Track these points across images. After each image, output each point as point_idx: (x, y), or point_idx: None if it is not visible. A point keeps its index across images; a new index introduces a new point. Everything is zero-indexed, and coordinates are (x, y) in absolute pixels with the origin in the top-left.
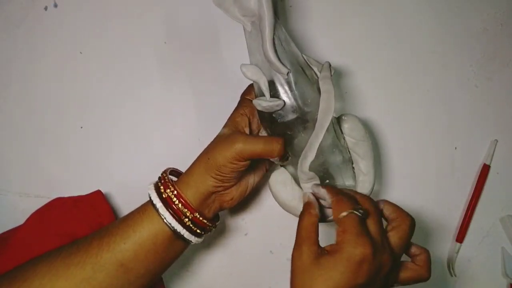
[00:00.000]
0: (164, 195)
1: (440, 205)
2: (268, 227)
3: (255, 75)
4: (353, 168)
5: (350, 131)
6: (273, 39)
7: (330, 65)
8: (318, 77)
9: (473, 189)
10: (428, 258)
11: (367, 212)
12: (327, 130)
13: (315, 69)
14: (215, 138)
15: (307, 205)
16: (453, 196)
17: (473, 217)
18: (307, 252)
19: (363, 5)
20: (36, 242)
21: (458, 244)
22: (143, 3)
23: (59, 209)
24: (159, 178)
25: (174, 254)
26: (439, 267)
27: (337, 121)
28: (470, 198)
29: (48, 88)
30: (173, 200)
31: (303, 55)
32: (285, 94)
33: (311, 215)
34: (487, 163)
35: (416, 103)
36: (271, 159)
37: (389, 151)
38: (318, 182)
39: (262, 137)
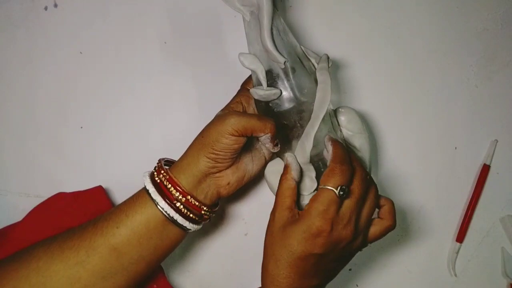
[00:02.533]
0: (157, 180)
1: (440, 205)
2: None
3: (253, 64)
4: None
5: (347, 123)
6: (271, 28)
7: (328, 57)
8: (315, 69)
9: (473, 189)
10: (390, 207)
11: (350, 192)
12: (323, 121)
13: (313, 61)
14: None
15: (284, 168)
16: (453, 196)
17: (473, 217)
18: (278, 217)
19: (362, 3)
20: (35, 236)
21: (458, 244)
22: (143, 2)
23: (59, 204)
24: (155, 167)
25: (169, 242)
26: (439, 267)
27: (334, 113)
28: (470, 198)
29: (48, 88)
30: (165, 184)
31: (301, 47)
32: (282, 84)
33: (287, 180)
34: (487, 163)
35: (416, 103)
36: (266, 146)
37: (389, 151)
38: (314, 172)
39: (255, 114)
